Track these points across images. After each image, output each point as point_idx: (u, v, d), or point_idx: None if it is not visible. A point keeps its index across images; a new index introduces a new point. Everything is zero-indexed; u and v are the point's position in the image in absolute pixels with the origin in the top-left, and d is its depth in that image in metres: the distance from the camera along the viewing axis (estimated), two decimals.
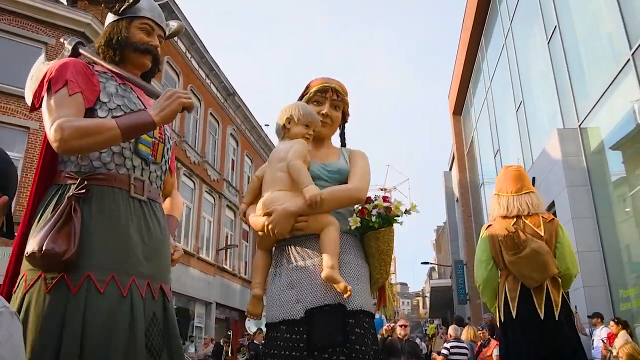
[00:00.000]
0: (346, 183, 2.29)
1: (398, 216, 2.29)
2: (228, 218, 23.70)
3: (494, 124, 17.03)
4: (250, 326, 18.02)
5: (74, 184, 1.81)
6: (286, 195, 2.22)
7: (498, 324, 3.35)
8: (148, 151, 2.00)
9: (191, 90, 20.52)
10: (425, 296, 52.50)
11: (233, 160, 24.85)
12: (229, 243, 23.18)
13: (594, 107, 9.27)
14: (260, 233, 2.26)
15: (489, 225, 3.37)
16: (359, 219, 2.24)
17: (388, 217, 2.27)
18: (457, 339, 7.61)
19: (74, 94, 1.84)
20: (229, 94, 23.82)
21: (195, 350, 17.42)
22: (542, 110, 12.79)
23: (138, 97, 2.07)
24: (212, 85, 22.47)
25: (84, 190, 1.79)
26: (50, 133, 1.74)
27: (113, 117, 1.88)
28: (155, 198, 2.04)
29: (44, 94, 1.85)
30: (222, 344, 16.21)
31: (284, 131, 2.41)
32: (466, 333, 8.78)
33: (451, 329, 8.05)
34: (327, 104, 2.45)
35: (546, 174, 10.67)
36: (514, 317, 3.07)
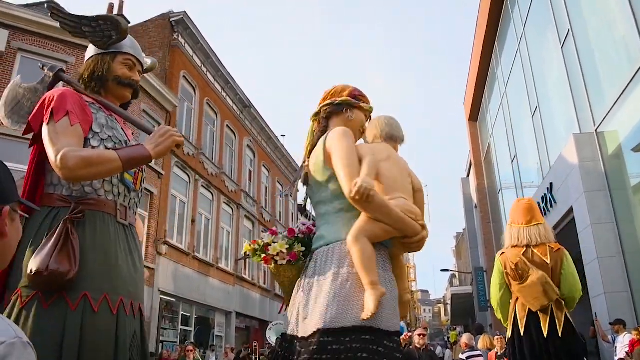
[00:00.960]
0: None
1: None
2: (246, 228, 23.83)
3: (510, 129, 16.94)
4: (271, 336, 18.03)
5: (66, 207, 1.90)
6: (420, 213, 2.24)
7: (508, 339, 3.79)
8: (131, 179, 2.13)
9: (207, 103, 20.77)
10: (447, 303, 52.07)
11: (250, 172, 25.02)
12: (247, 253, 23.25)
13: (610, 110, 9.20)
14: (389, 229, 2.13)
15: (502, 253, 3.78)
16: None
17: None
18: (472, 348, 7.58)
19: (74, 124, 1.95)
20: (244, 106, 24.05)
21: (216, 359, 17.50)
22: (558, 114, 12.71)
23: (122, 127, 2.21)
24: (227, 98, 22.70)
25: (81, 215, 1.89)
26: (57, 161, 1.84)
27: (106, 147, 2.02)
28: (133, 223, 2.17)
29: (46, 121, 1.94)
30: (249, 352, 16.20)
31: (399, 144, 2.47)
32: (482, 342, 8.73)
33: (465, 338, 8.02)
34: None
35: (564, 180, 10.59)
36: (522, 334, 3.54)
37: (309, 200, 2.43)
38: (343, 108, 2.40)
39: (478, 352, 7.89)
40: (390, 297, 2.05)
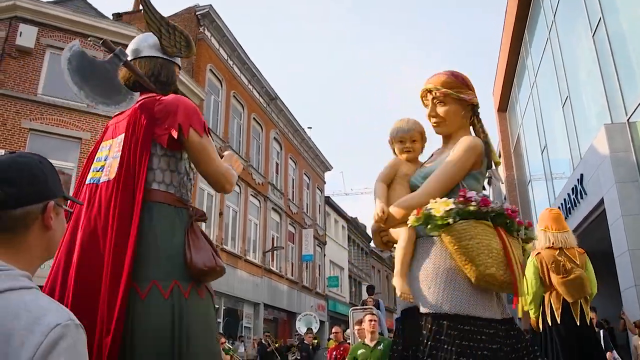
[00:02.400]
0: None
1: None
2: (274, 220, 24.00)
3: (540, 120, 16.66)
4: (301, 326, 18.18)
5: (184, 208, 2.08)
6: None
7: (540, 328, 4.48)
8: None
9: (234, 96, 20.93)
10: None
11: (277, 164, 25.16)
12: (274, 245, 23.48)
13: None
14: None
15: (538, 253, 4.36)
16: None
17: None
18: None
19: None
20: (271, 99, 24.15)
21: (245, 350, 17.73)
22: (589, 104, 12.45)
23: None
24: (254, 90, 22.83)
25: (204, 218, 2.17)
26: (229, 177, 2.16)
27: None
28: None
29: (201, 133, 2.07)
30: (266, 342, 16.34)
31: (404, 144, 2.63)
32: None
33: None
34: (430, 104, 2.52)
35: (595, 171, 10.39)
36: (559, 322, 4.18)
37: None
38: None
39: None
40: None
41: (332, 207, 32.64)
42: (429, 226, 2.18)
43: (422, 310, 2.15)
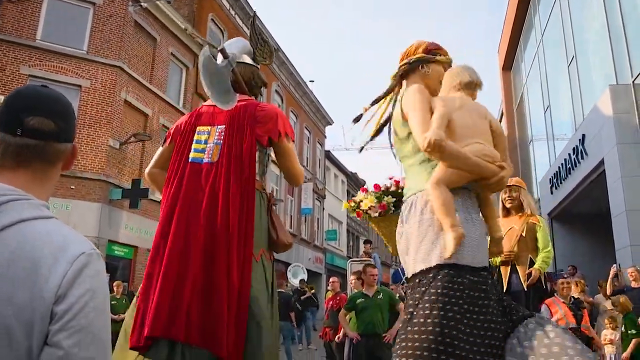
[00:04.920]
0: None
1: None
2: (273, 173, 24.04)
3: (544, 79, 16.50)
4: (291, 277, 18.53)
5: (263, 192, 2.69)
6: (498, 155, 2.38)
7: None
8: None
9: None
10: None
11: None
12: (274, 198, 23.58)
13: None
14: (464, 173, 2.31)
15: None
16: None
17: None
18: None
19: None
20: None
21: None
22: (595, 65, 12.31)
23: None
24: None
25: (275, 202, 2.88)
26: (302, 177, 2.84)
27: None
28: None
29: (292, 139, 2.77)
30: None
31: (474, 90, 2.60)
32: None
33: None
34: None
35: (597, 131, 10.38)
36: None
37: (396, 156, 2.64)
38: (418, 65, 2.56)
39: None
40: (471, 236, 2.24)
41: (332, 161, 32.67)
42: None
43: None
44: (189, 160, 2.71)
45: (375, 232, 2.93)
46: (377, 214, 2.73)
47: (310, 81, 27.90)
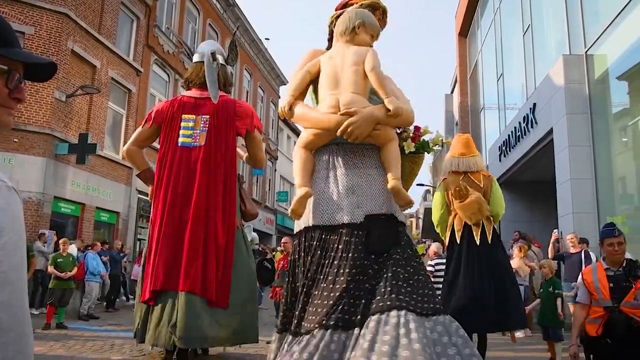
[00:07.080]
0: None
1: (437, 145, 2.58)
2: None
3: (499, 47, 16.68)
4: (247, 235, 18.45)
5: (237, 174, 3.86)
6: (364, 101, 2.24)
7: (446, 248, 4.96)
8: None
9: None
10: (419, 217, 53.41)
11: (231, 73, 24.41)
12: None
13: (602, 34, 9.07)
14: (318, 131, 2.32)
15: (445, 178, 4.65)
16: (412, 144, 2.51)
17: (428, 145, 2.68)
18: (440, 256, 7.79)
19: None
20: (228, 5, 23.08)
21: None
22: (549, 34, 12.50)
23: None
24: None
25: (244, 181, 3.93)
26: (264, 159, 3.82)
27: None
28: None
29: (260, 130, 3.97)
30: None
31: (350, 35, 2.51)
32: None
33: (434, 247, 8.23)
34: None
35: (547, 100, 10.60)
36: (458, 242, 4.48)
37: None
38: (332, 23, 2.79)
39: (444, 260, 8.18)
40: (325, 194, 2.37)
41: (286, 122, 32.35)
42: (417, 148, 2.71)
43: (401, 218, 2.59)
44: (179, 144, 3.49)
45: None
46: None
47: (266, 39, 27.33)
